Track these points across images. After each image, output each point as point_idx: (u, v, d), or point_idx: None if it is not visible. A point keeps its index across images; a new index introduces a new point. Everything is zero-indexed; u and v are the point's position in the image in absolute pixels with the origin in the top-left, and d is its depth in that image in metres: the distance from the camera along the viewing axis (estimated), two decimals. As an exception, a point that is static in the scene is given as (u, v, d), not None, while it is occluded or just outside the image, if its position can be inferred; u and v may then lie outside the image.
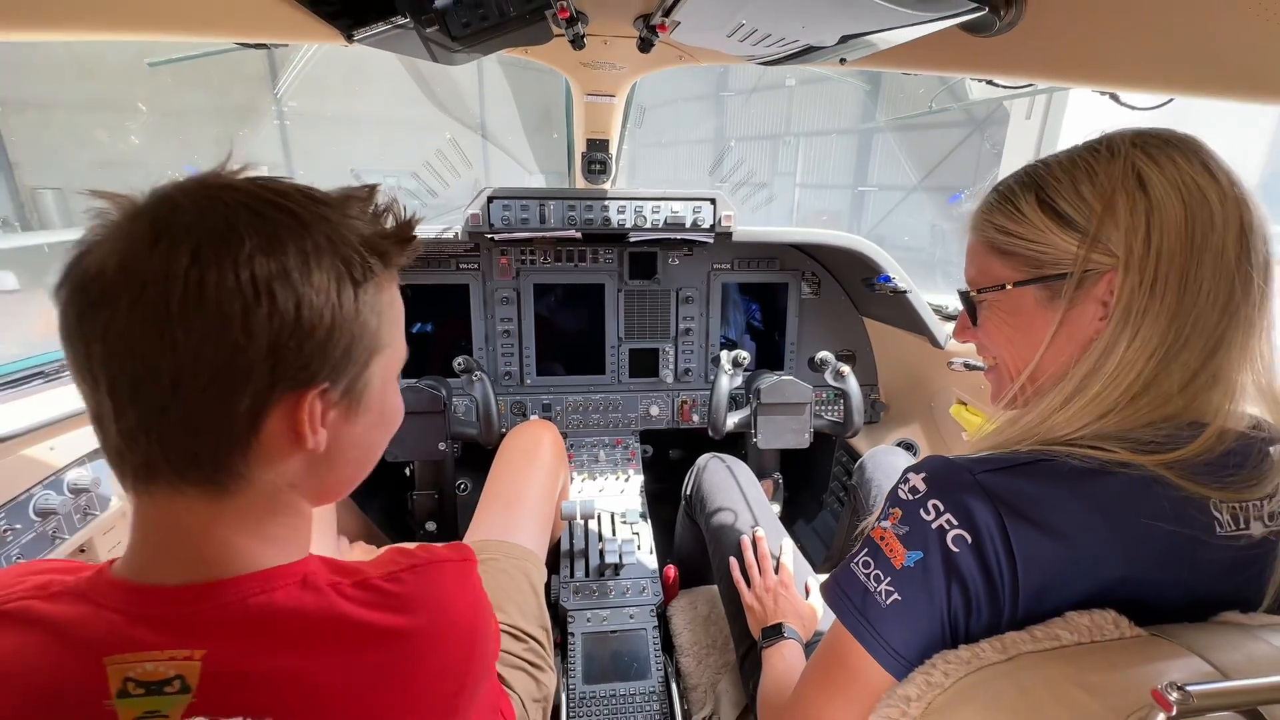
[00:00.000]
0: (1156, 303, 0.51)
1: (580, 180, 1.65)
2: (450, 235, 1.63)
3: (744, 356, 1.64)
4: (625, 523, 1.56)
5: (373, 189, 0.49)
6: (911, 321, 1.70)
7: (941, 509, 0.50)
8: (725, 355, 1.63)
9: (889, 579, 0.52)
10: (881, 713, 0.51)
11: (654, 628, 1.29)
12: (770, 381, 1.64)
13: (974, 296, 0.64)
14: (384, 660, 0.45)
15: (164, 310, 0.39)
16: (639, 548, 1.47)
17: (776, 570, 1.12)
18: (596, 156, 1.58)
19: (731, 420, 1.67)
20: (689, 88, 10.70)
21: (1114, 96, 0.89)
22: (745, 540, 1.18)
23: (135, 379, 0.40)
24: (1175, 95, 0.83)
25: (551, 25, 0.91)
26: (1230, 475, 0.51)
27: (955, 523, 0.49)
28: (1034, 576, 0.49)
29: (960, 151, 7.69)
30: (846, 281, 1.92)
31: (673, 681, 1.20)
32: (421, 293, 1.78)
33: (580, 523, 1.52)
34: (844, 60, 0.95)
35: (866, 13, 0.67)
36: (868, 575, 0.54)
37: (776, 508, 1.76)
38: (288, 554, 0.48)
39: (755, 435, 1.66)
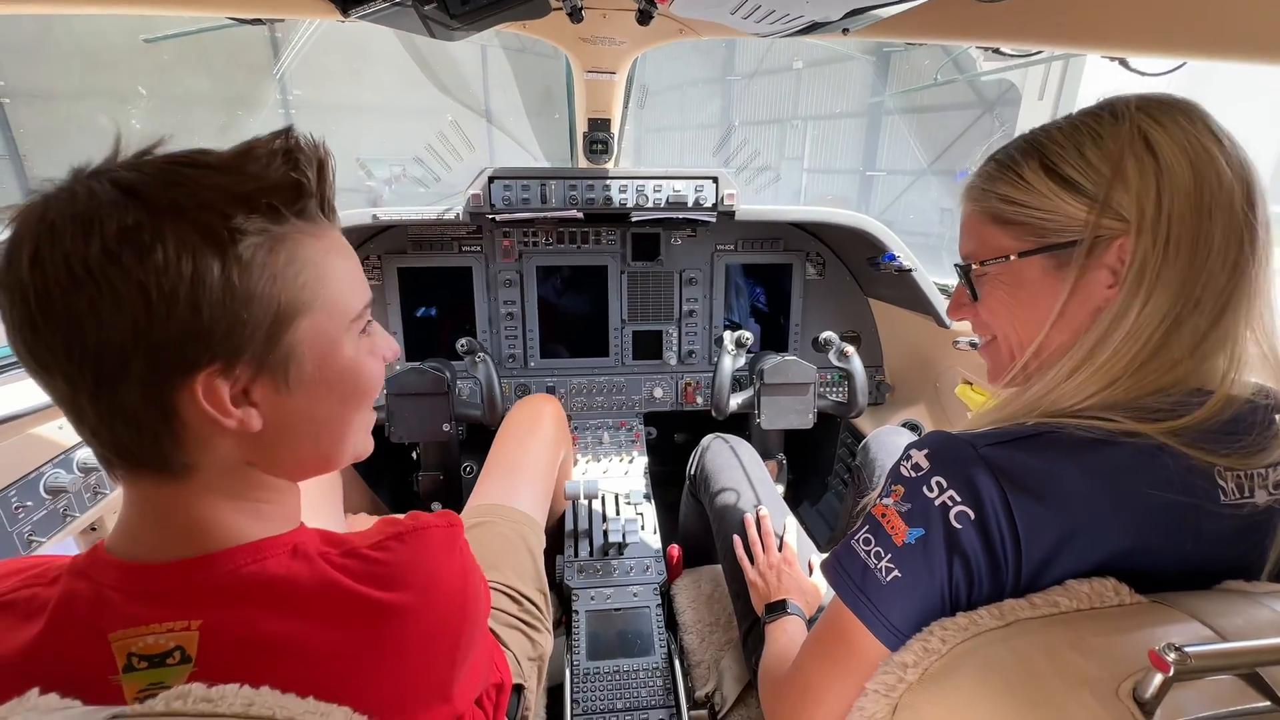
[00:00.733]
0: (1170, 266, 0.51)
1: (582, 160, 1.64)
2: (452, 216, 1.62)
3: (747, 337, 1.63)
4: (629, 503, 1.57)
5: (277, 133, 0.45)
6: (917, 301, 1.69)
7: (945, 485, 0.50)
8: (729, 336, 1.62)
9: (889, 556, 0.52)
10: (879, 679, 0.51)
11: (657, 605, 1.30)
12: (774, 362, 1.63)
13: (974, 270, 0.63)
14: (378, 634, 0.46)
15: (31, 318, 0.39)
16: (643, 528, 1.48)
17: (780, 548, 1.13)
18: (598, 136, 1.56)
19: (735, 401, 1.66)
20: (693, 71, 10.55)
21: (1123, 62, 0.87)
22: (749, 518, 1.18)
23: (47, 382, 0.42)
24: (1185, 59, 0.81)
25: (549, -2, 0.90)
26: (1236, 442, 0.50)
27: (958, 499, 0.49)
28: (1037, 550, 0.48)
29: (971, 134, 7.58)
30: (851, 261, 1.91)
31: (676, 658, 1.21)
32: (425, 276, 1.78)
33: (584, 503, 1.53)
34: (847, 31, 0.93)
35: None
36: (868, 552, 0.54)
37: (780, 488, 1.76)
38: (276, 526, 0.49)
39: (759, 416, 1.66)
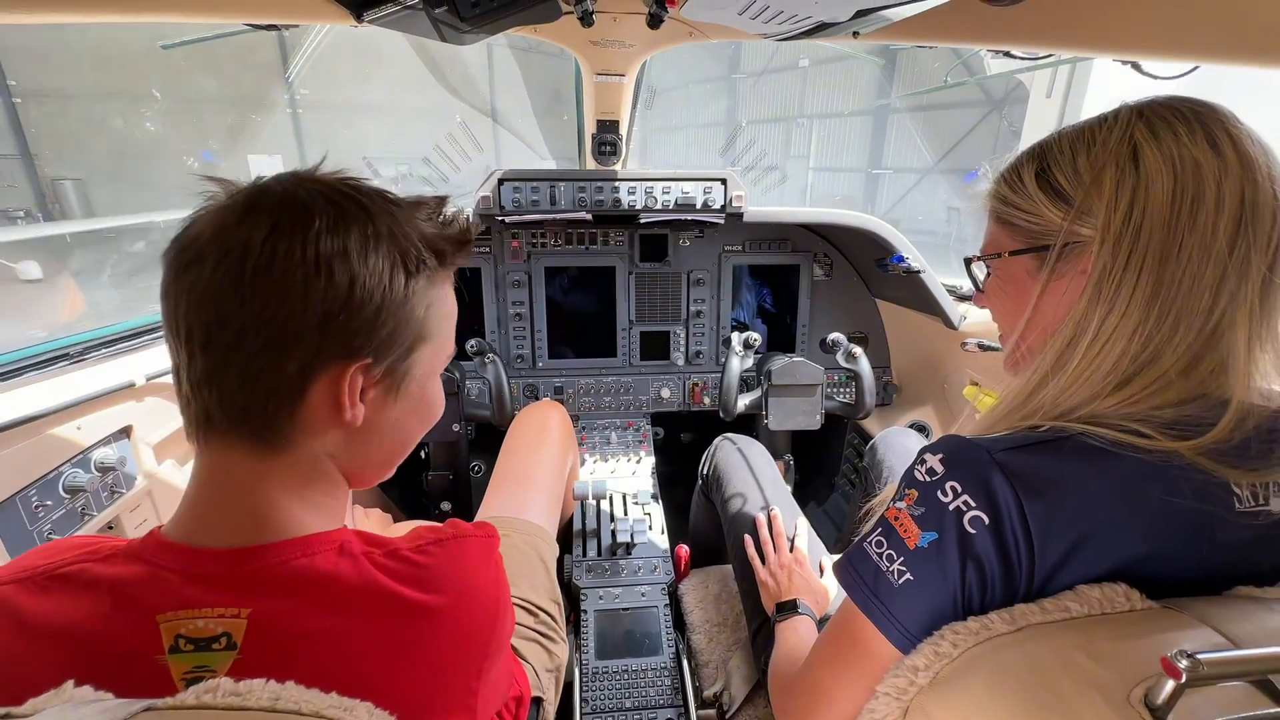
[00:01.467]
0: (1132, 278, 0.51)
1: (590, 162, 1.65)
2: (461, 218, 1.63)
3: (755, 338, 1.63)
4: (637, 503, 1.57)
5: (442, 199, 0.56)
6: (925, 302, 1.69)
7: (959, 490, 0.50)
8: (736, 337, 1.62)
9: (901, 559, 0.52)
10: (890, 683, 0.51)
11: (665, 605, 1.30)
12: (781, 363, 1.63)
13: (973, 261, 0.67)
14: (412, 633, 0.48)
15: (240, 272, 0.45)
16: (650, 528, 1.49)
17: (791, 549, 1.13)
18: (606, 138, 1.57)
19: (742, 402, 1.67)
20: (700, 70, 10.52)
21: (1135, 65, 0.86)
22: (760, 519, 1.19)
23: (208, 330, 0.45)
24: (1198, 62, 0.80)
25: (560, 2, 0.90)
26: (1256, 455, 0.49)
27: (973, 504, 0.49)
28: (1051, 555, 0.48)
29: (978, 132, 7.53)
30: (859, 262, 1.90)
31: (684, 658, 1.21)
32: None
33: (592, 503, 1.54)
34: (857, 34, 0.93)
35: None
36: (880, 555, 0.54)
37: (787, 489, 1.76)
38: (326, 522, 0.51)
39: (766, 417, 1.66)
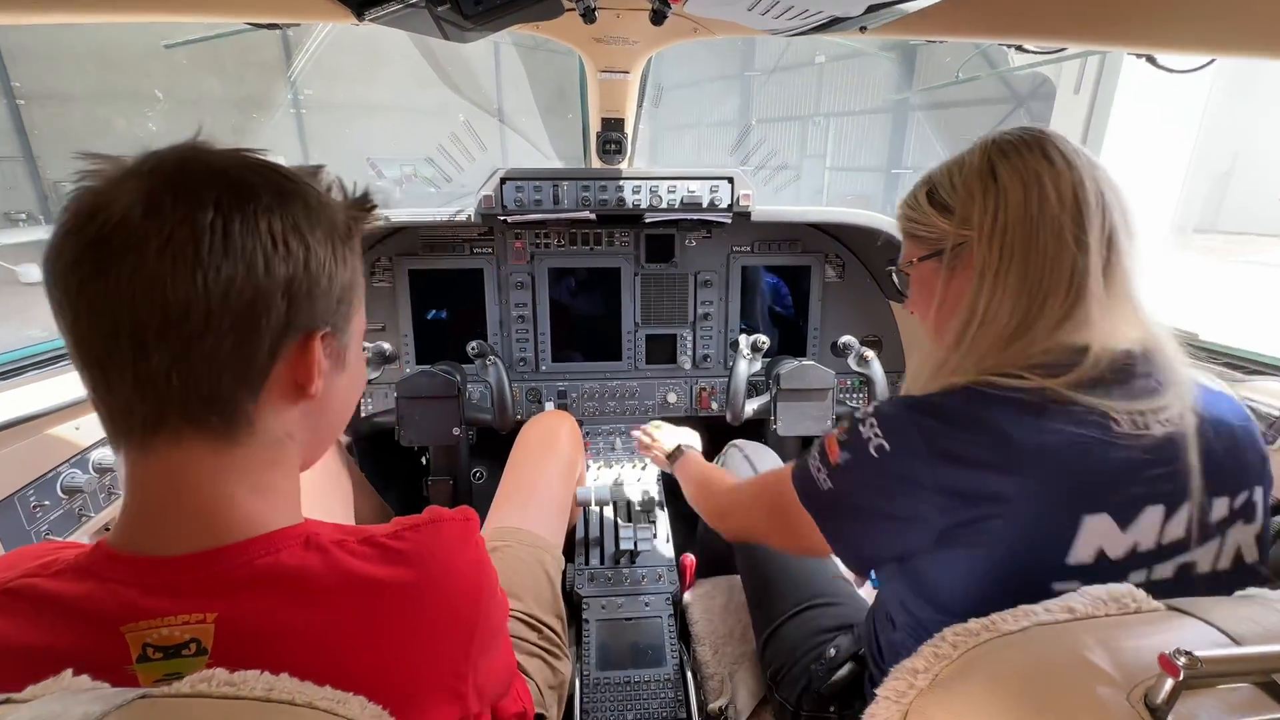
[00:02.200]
0: (1006, 265, 0.66)
1: (595, 161, 1.63)
2: (463, 218, 1.61)
3: (764, 341, 1.61)
4: (642, 510, 1.54)
5: (317, 169, 0.53)
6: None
7: (874, 425, 0.66)
8: (744, 340, 1.60)
9: (825, 470, 0.71)
10: (889, 686, 0.51)
11: (670, 616, 1.28)
12: (791, 367, 1.61)
13: (894, 271, 0.84)
14: (391, 610, 0.47)
15: (193, 253, 0.42)
16: (655, 536, 1.46)
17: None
18: (611, 136, 1.55)
19: (751, 407, 1.64)
20: (711, 67, 10.42)
21: (1151, 59, 0.85)
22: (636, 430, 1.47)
23: (164, 320, 0.42)
24: (1213, 55, 0.80)
25: (563, -1, 0.88)
26: (1112, 383, 0.62)
27: (879, 434, 0.65)
28: (951, 475, 0.61)
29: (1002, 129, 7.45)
30: (872, 264, 1.87)
31: (688, 670, 1.19)
32: (435, 278, 1.76)
33: (596, 510, 1.51)
34: (864, 29, 0.91)
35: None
36: (815, 467, 0.72)
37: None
38: (286, 516, 0.49)
39: (775, 422, 1.63)
